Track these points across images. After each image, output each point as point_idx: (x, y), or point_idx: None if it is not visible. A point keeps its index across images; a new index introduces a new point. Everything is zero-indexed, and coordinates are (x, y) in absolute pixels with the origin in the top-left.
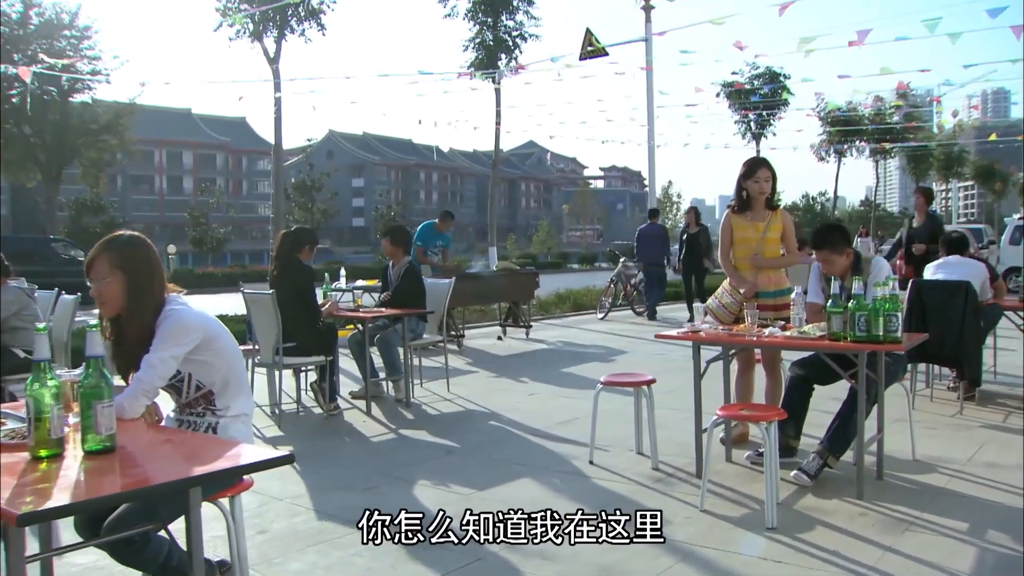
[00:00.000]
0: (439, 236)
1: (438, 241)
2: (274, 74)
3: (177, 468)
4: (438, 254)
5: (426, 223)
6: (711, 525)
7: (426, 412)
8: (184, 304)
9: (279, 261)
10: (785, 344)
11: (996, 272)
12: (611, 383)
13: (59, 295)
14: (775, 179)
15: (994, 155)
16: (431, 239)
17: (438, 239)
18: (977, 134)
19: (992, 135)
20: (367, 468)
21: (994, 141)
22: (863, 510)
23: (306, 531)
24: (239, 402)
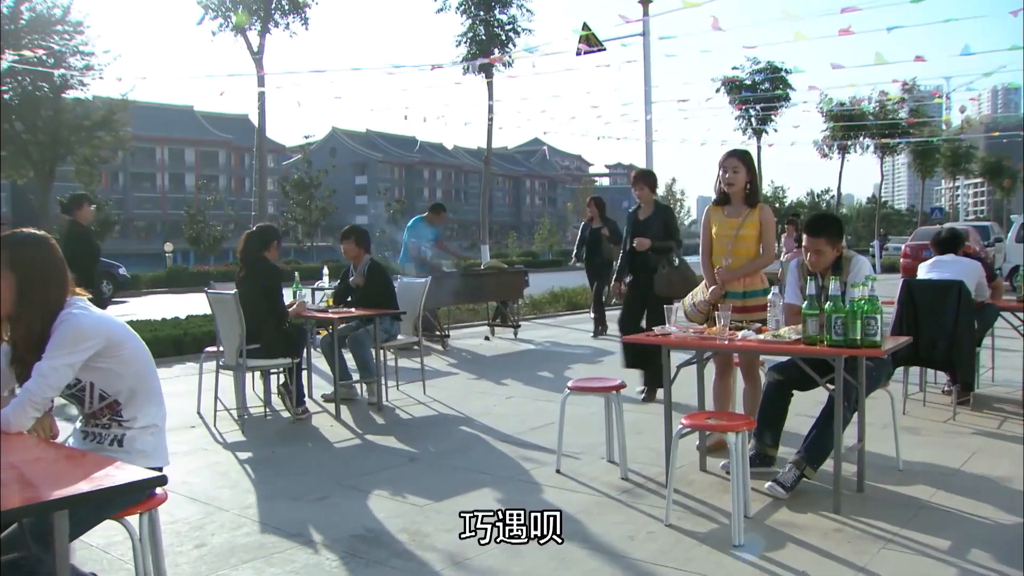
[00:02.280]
0: (430, 230)
1: (429, 235)
2: (257, 68)
3: (35, 491)
4: (430, 249)
5: (416, 218)
6: (675, 542)
7: (397, 416)
8: (84, 308)
9: (245, 261)
10: (758, 348)
11: (994, 271)
12: (579, 388)
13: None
14: (752, 172)
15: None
16: (423, 234)
17: (429, 232)
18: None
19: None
20: (323, 476)
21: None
22: (839, 525)
23: (245, 545)
24: (148, 412)
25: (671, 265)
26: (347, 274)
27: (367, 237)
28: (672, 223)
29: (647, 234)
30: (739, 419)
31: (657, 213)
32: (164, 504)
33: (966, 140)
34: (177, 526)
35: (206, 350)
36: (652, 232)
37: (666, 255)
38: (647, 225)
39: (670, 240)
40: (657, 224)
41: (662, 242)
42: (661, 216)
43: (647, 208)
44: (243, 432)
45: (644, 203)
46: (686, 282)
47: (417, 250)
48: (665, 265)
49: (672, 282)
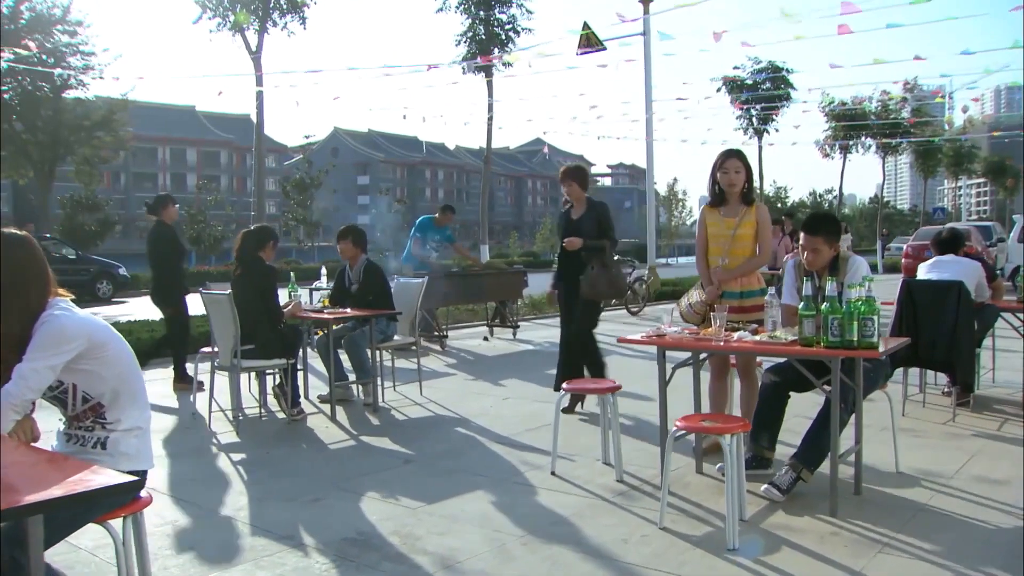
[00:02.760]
0: (438, 231)
1: (436, 236)
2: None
3: (9, 495)
4: (437, 250)
5: (425, 217)
6: (668, 545)
7: (393, 417)
8: (66, 309)
9: (241, 260)
10: (753, 350)
11: (995, 271)
12: (574, 389)
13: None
14: (749, 172)
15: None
16: (430, 234)
17: (436, 234)
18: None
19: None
20: (317, 478)
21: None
22: (835, 529)
23: (235, 548)
24: (132, 415)
25: (602, 266)
26: (343, 274)
27: (364, 237)
28: (606, 221)
29: (579, 234)
30: (734, 421)
31: (590, 211)
32: (155, 506)
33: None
34: (167, 528)
35: (201, 351)
36: (585, 231)
37: (599, 255)
38: (580, 224)
39: (604, 239)
40: (590, 222)
41: (594, 241)
42: (594, 214)
43: (579, 206)
44: (238, 433)
45: (575, 201)
46: (614, 285)
47: (420, 248)
48: (595, 266)
49: (598, 284)
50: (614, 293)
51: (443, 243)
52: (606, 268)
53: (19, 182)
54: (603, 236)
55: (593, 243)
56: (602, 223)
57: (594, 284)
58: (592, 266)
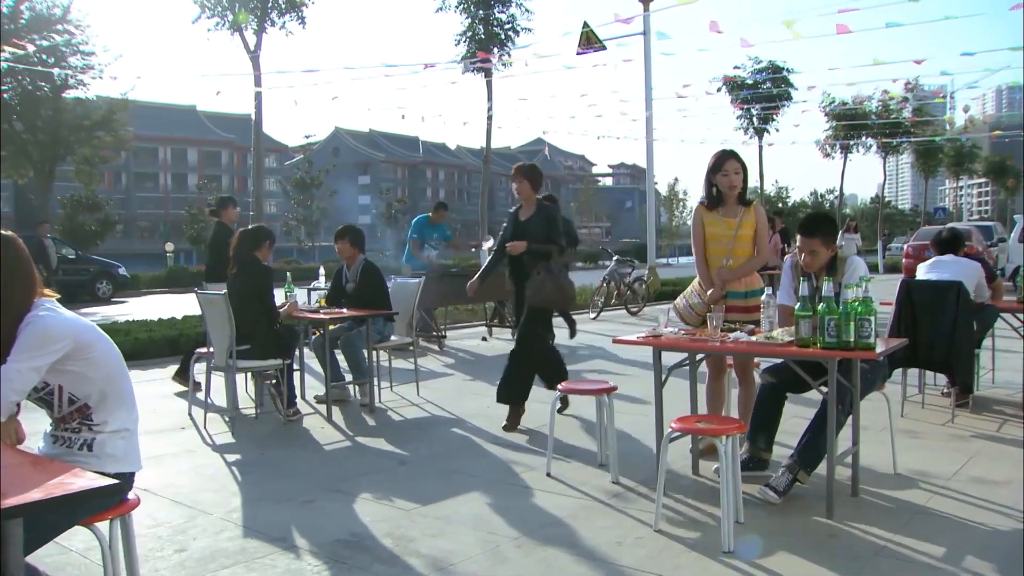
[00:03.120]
0: (435, 229)
1: (434, 234)
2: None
3: None
4: (437, 248)
5: (420, 216)
6: (662, 548)
7: (389, 418)
8: (52, 310)
9: (237, 260)
10: (750, 350)
11: (994, 271)
12: (569, 390)
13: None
14: (746, 172)
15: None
16: (427, 232)
17: (434, 232)
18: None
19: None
20: (311, 479)
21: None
22: (832, 532)
23: (226, 550)
24: (119, 416)
25: (548, 271)
26: (340, 274)
27: (361, 237)
28: (555, 224)
29: (526, 236)
30: (729, 423)
31: (539, 213)
32: (147, 507)
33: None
34: (159, 530)
35: (197, 351)
36: (532, 234)
37: (545, 260)
38: (527, 226)
39: (551, 244)
40: (538, 225)
41: (541, 245)
42: (543, 216)
43: (528, 207)
44: (233, 434)
45: (525, 201)
46: (560, 291)
47: (419, 248)
48: (541, 271)
49: (544, 290)
50: (561, 301)
51: (441, 241)
52: (552, 274)
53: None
54: (551, 240)
55: (538, 247)
56: (550, 226)
57: (539, 291)
58: (538, 271)
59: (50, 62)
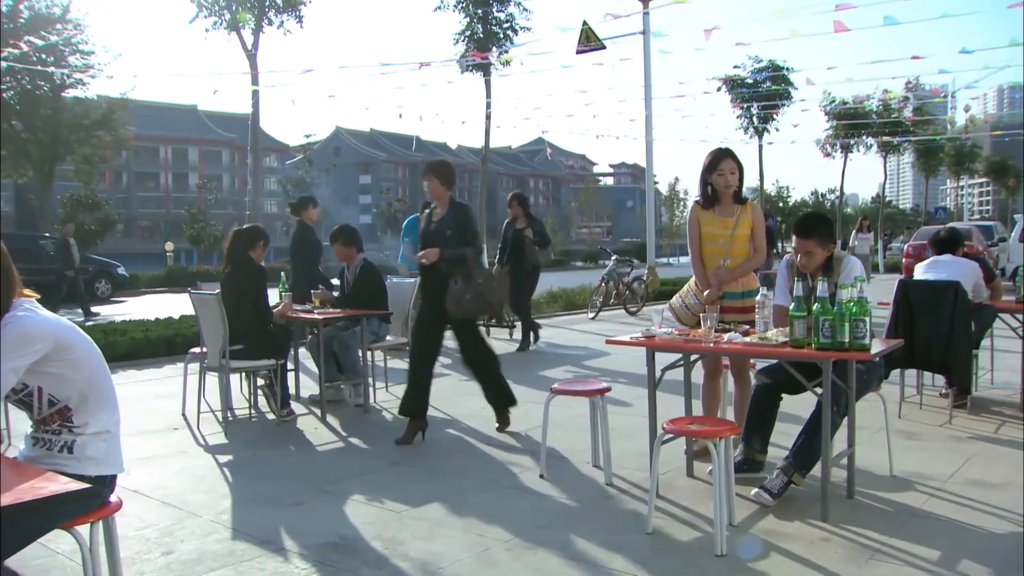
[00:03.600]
0: None
1: None
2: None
3: None
4: None
5: (411, 217)
6: (655, 551)
7: (383, 418)
8: (30, 310)
9: (231, 259)
10: (744, 351)
11: (993, 271)
12: (562, 391)
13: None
14: (742, 171)
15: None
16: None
17: None
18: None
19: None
20: (302, 480)
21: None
22: (826, 534)
23: (214, 552)
24: (100, 418)
25: (465, 279)
26: (343, 276)
27: (356, 236)
28: (468, 225)
29: (438, 240)
30: (722, 425)
31: (452, 213)
32: (136, 509)
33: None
34: (147, 532)
35: (191, 351)
36: (444, 237)
37: (463, 267)
38: (439, 229)
39: (467, 247)
40: (450, 227)
41: (454, 250)
42: (455, 217)
43: (441, 207)
44: (226, 434)
45: (437, 200)
46: (480, 300)
47: (414, 251)
48: (458, 279)
49: (463, 301)
50: (482, 309)
51: None
52: (470, 281)
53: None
54: (465, 243)
55: (453, 253)
56: (464, 228)
57: (458, 301)
58: (455, 280)
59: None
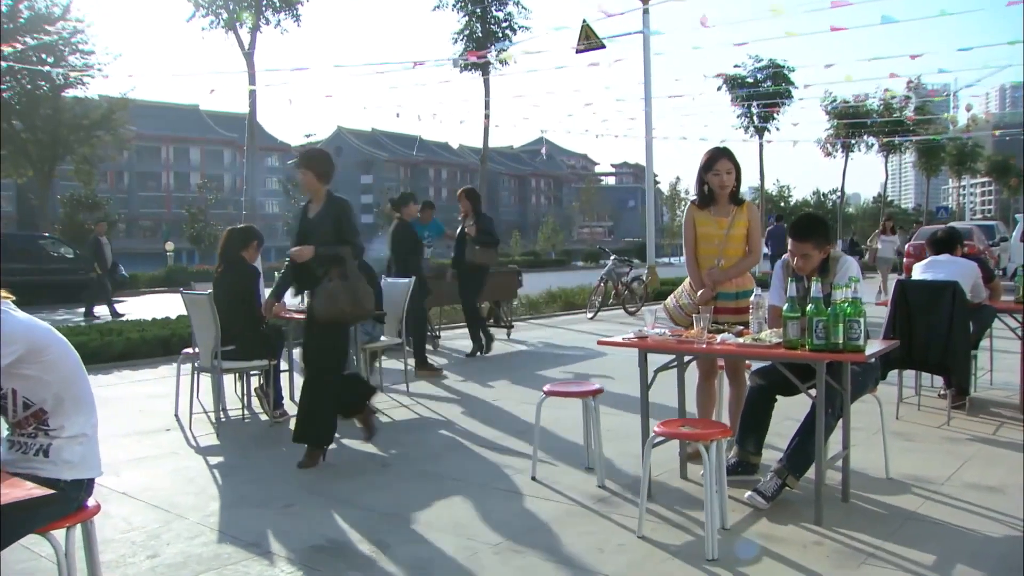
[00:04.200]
0: (425, 228)
1: (426, 233)
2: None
3: None
4: (432, 246)
5: None
6: (646, 555)
7: (377, 419)
8: (5, 311)
9: (224, 259)
10: (737, 352)
11: (992, 271)
12: (556, 393)
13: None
14: (739, 171)
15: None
16: (419, 232)
17: (424, 231)
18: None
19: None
20: (292, 482)
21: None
22: (819, 538)
23: (199, 556)
24: (76, 421)
25: (341, 278)
26: None
27: None
28: (346, 221)
29: (312, 237)
30: (714, 427)
31: (328, 209)
32: (123, 511)
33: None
34: (133, 535)
35: (184, 351)
36: (318, 235)
37: (339, 265)
38: (315, 225)
39: (345, 244)
40: (327, 223)
41: (330, 248)
42: (332, 213)
43: (317, 202)
44: (218, 436)
45: (313, 194)
46: (356, 302)
47: None
48: (333, 278)
49: (337, 302)
50: (358, 313)
51: (434, 238)
52: (348, 282)
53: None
54: (343, 240)
55: (327, 251)
56: (341, 225)
57: (331, 302)
58: (330, 279)
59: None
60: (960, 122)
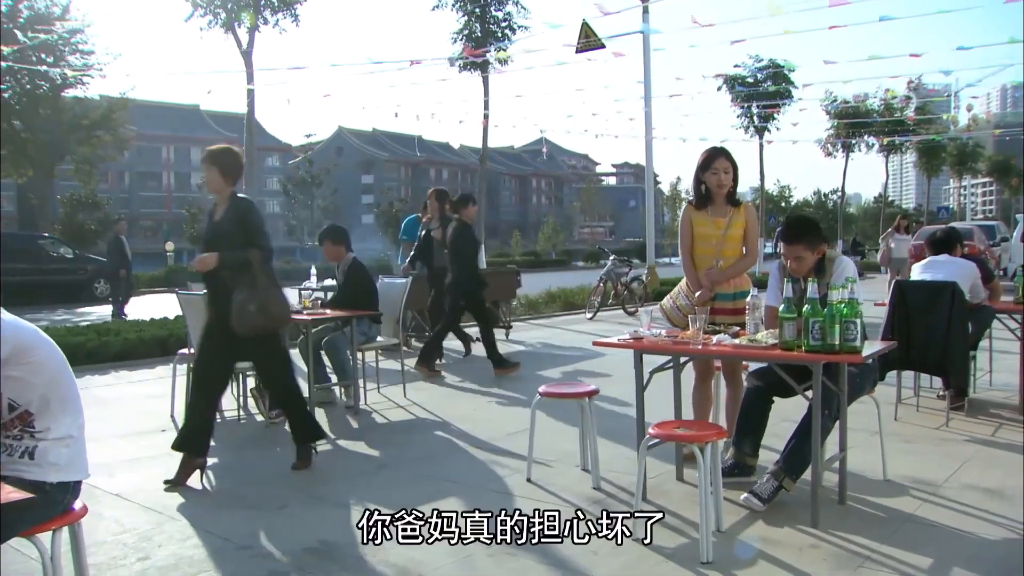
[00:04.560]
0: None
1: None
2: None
3: None
4: None
5: (410, 217)
6: (640, 557)
7: (374, 420)
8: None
9: None
10: (733, 353)
11: (991, 271)
12: (551, 394)
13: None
14: (736, 171)
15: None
16: (418, 231)
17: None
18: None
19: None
20: (286, 484)
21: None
22: (816, 541)
23: (191, 558)
24: (63, 423)
25: (250, 288)
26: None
27: (344, 236)
28: (252, 224)
29: (218, 240)
30: (709, 429)
31: (232, 210)
32: (116, 512)
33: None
34: (125, 537)
35: (179, 352)
36: (224, 239)
37: (247, 274)
38: (221, 229)
39: (252, 248)
40: (231, 225)
41: (236, 254)
42: (236, 215)
43: (222, 203)
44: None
45: (218, 195)
46: (265, 312)
47: (411, 249)
48: (243, 288)
49: (247, 313)
50: (271, 322)
51: None
52: (256, 291)
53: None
54: (250, 243)
55: (234, 257)
56: (247, 227)
57: (242, 313)
58: (240, 289)
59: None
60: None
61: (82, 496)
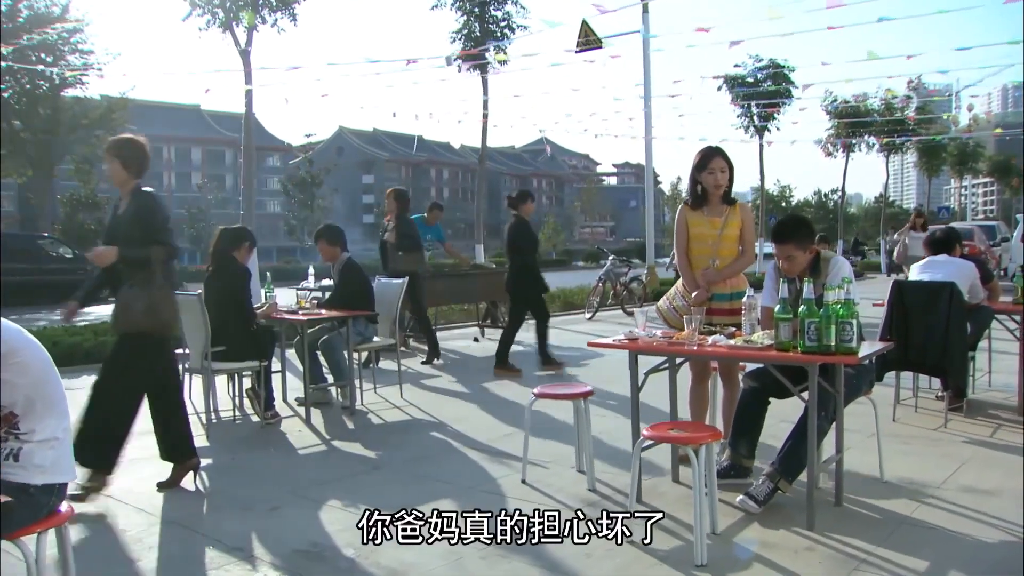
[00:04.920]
0: (428, 230)
1: (427, 235)
2: (245, 64)
3: None
4: (430, 249)
5: (414, 217)
6: (634, 559)
7: (369, 421)
8: None
9: (215, 259)
10: (728, 354)
11: (990, 272)
12: (545, 395)
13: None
14: (732, 171)
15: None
16: (422, 233)
17: (427, 232)
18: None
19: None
20: (280, 485)
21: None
22: (811, 544)
23: (181, 559)
24: (48, 424)
25: (144, 284)
26: None
27: (340, 235)
28: (154, 219)
29: (118, 234)
30: (704, 430)
31: (134, 204)
32: (106, 515)
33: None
34: (115, 538)
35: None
36: (123, 233)
37: (144, 270)
38: (122, 223)
39: (153, 245)
40: (132, 220)
41: (135, 250)
42: (138, 209)
43: (125, 196)
44: (208, 437)
45: (122, 188)
46: (152, 312)
47: None
48: (134, 284)
49: (132, 312)
50: (155, 325)
51: (433, 241)
52: (147, 290)
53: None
54: (151, 239)
55: (132, 253)
56: (147, 222)
57: (126, 311)
58: (130, 285)
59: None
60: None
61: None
